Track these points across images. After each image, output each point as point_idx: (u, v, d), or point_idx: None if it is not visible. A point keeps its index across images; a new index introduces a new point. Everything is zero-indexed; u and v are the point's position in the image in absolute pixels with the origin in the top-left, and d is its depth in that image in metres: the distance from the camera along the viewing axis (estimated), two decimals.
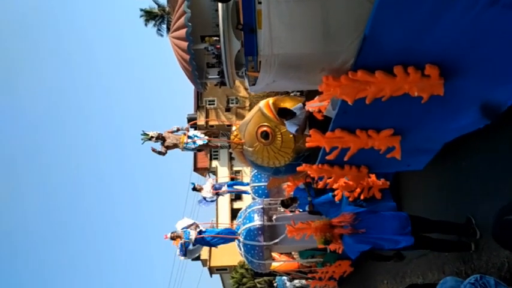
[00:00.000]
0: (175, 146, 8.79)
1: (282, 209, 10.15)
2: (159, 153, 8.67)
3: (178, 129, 9.09)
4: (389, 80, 3.25)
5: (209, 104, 28.52)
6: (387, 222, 4.55)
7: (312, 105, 5.50)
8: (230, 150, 8.84)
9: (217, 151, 30.31)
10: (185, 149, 8.87)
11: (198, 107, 27.80)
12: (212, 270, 32.76)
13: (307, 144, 4.45)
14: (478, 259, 4.35)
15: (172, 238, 9.83)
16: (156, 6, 26.30)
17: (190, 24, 22.10)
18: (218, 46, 24.05)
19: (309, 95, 7.21)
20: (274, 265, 10.71)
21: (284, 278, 16.25)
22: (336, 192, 5.97)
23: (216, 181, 13.14)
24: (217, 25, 23.17)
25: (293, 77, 3.83)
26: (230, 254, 27.44)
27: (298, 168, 5.20)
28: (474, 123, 3.74)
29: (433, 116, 3.73)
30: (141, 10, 26.02)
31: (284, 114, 6.44)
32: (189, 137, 8.89)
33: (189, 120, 29.78)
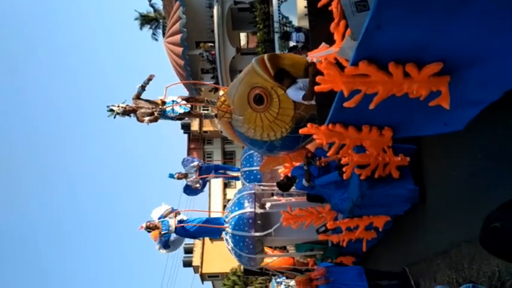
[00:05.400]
0: (150, 115, 7.16)
1: (275, 197, 8.67)
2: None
3: (143, 87, 7.16)
4: None
5: (203, 110, 27.21)
6: (348, 273, 5.83)
7: (316, 55, 4.13)
8: (217, 122, 7.20)
9: (210, 155, 28.87)
10: (163, 116, 7.30)
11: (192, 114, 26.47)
12: (204, 277, 31.32)
13: (316, 88, 3.16)
14: (469, 268, 4.13)
15: (149, 228, 8.14)
16: (152, 10, 25.29)
17: (185, 29, 21.09)
18: (213, 52, 23.00)
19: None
20: (266, 261, 9.12)
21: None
22: (345, 169, 4.66)
23: (202, 162, 11.24)
24: (213, 31, 22.22)
25: None
26: (222, 261, 26.17)
27: (301, 131, 3.88)
28: None
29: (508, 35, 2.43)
30: (136, 11, 24.96)
31: (281, 76, 5.10)
32: (166, 103, 7.14)
33: (183, 126, 28.53)
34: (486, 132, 3.77)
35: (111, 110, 7.04)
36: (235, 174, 10.85)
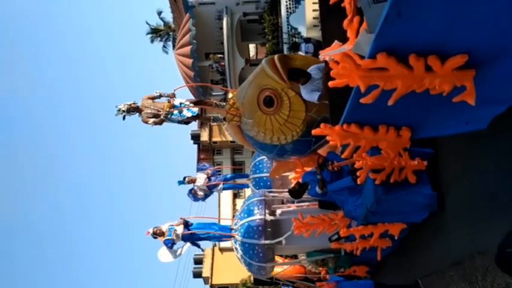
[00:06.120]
0: (155, 117, 6.99)
1: (286, 206, 8.39)
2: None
3: (161, 95, 7.10)
4: None
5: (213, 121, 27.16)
6: (358, 287, 5.95)
7: (329, 54, 3.91)
8: (225, 127, 6.95)
9: (219, 171, 28.56)
10: (169, 120, 7.04)
11: (202, 123, 26.35)
12: None
13: (331, 83, 2.96)
14: (483, 280, 3.97)
15: (155, 234, 8.10)
16: (162, 23, 25.48)
17: (195, 41, 21.12)
18: (222, 63, 22.96)
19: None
20: (277, 270, 8.81)
21: None
22: (359, 173, 4.42)
23: (214, 170, 11.05)
24: (222, 42, 22.19)
25: None
26: (232, 272, 25.79)
27: (314, 131, 3.66)
28: None
29: None
30: (147, 23, 25.16)
31: (296, 75, 4.86)
32: (174, 106, 6.96)
33: (193, 137, 28.43)
34: (503, 137, 3.53)
35: (118, 110, 6.98)
36: (244, 181, 10.68)
